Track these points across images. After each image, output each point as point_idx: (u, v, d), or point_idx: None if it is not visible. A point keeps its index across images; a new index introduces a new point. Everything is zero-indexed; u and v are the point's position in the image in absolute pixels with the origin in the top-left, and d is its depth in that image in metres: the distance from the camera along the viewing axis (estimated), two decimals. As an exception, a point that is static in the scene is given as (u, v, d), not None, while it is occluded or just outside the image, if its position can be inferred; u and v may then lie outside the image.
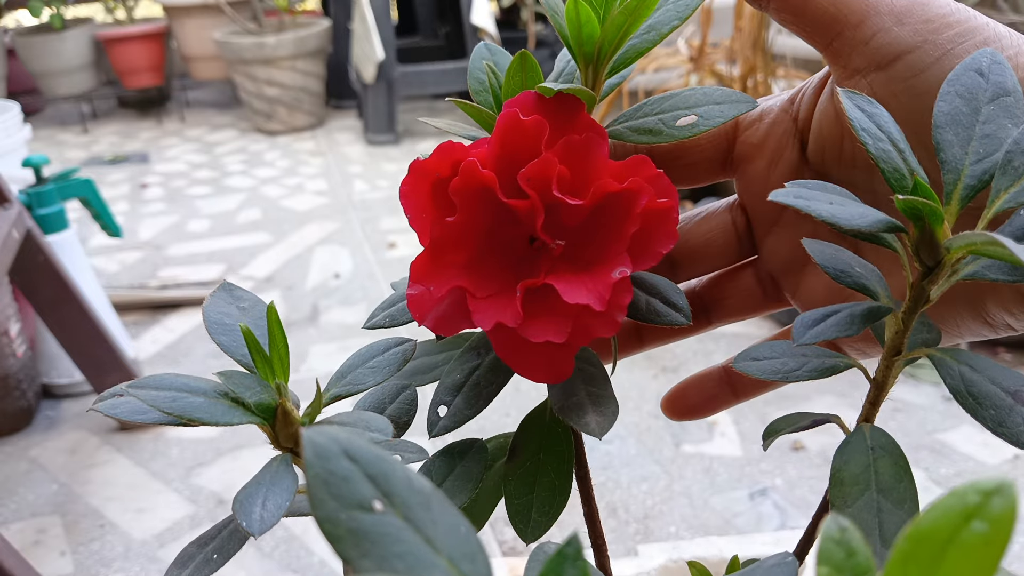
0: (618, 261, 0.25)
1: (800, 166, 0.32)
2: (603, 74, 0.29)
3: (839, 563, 0.13)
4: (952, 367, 0.23)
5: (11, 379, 1.38)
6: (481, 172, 0.25)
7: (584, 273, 0.26)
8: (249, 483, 0.25)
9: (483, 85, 0.31)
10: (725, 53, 1.86)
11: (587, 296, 0.24)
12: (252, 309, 0.30)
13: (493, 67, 0.30)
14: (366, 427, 0.27)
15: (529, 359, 0.27)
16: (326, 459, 0.14)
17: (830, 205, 0.21)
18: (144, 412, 0.27)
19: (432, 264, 0.26)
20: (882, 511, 0.23)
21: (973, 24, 0.26)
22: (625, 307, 0.25)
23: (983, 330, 0.29)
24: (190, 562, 0.27)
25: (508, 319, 0.25)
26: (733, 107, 0.28)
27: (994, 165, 0.23)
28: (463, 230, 0.26)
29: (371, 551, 0.14)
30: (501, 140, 0.26)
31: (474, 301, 0.26)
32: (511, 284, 0.26)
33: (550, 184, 0.25)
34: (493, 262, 0.27)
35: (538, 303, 0.25)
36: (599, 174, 0.26)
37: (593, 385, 0.28)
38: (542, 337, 0.25)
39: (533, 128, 0.26)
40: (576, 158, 0.26)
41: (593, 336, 0.26)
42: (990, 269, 0.23)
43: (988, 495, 0.12)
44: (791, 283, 0.33)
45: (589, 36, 0.27)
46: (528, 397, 1.39)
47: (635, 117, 0.29)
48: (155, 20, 3.62)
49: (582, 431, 0.27)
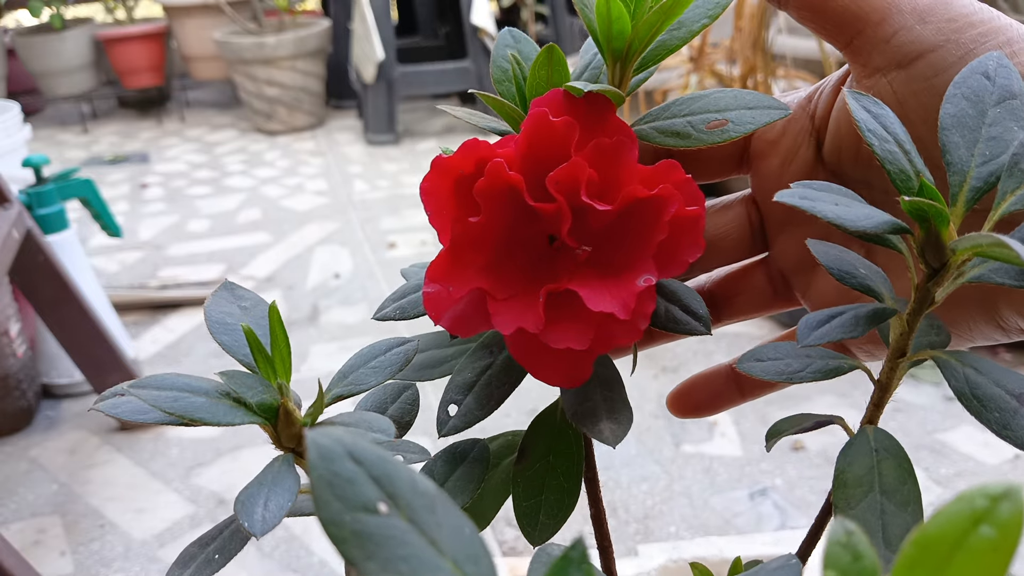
0: (644, 268, 0.25)
1: (815, 165, 0.31)
2: (630, 71, 0.28)
3: (845, 567, 0.13)
4: (956, 369, 0.23)
5: (11, 379, 1.38)
6: (508, 174, 0.24)
7: (609, 279, 0.25)
8: (251, 483, 0.25)
9: (506, 75, 0.30)
10: (725, 53, 1.86)
11: (612, 304, 0.24)
12: (254, 309, 0.30)
13: (518, 56, 0.29)
14: (368, 428, 0.26)
15: (546, 363, 0.26)
16: (330, 461, 0.14)
17: (835, 206, 0.21)
18: (145, 412, 0.27)
19: (452, 264, 0.25)
20: (886, 513, 0.22)
21: (996, 24, 0.26)
22: (648, 315, 0.25)
23: (996, 334, 0.28)
24: (191, 562, 0.27)
25: (530, 324, 0.24)
26: (765, 113, 0.27)
27: (1000, 167, 0.23)
28: (485, 231, 0.25)
29: (376, 553, 0.14)
30: (529, 141, 0.25)
31: (494, 303, 0.25)
32: (531, 286, 0.25)
33: (579, 189, 0.25)
34: (513, 262, 0.26)
35: (560, 308, 0.25)
36: (628, 179, 0.25)
37: (608, 389, 0.28)
38: (564, 344, 0.24)
39: (563, 130, 0.25)
40: (606, 162, 0.25)
41: (615, 344, 0.25)
42: (997, 272, 0.23)
43: (996, 500, 0.12)
44: (802, 283, 0.33)
45: (620, 32, 0.26)
46: (529, 397, 1.38)
47: (662, 117, 0.28)
48: (155, 20, 3.62)
49: (596, 439, 0.27)
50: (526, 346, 0.26)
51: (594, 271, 0.26)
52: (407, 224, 2.23)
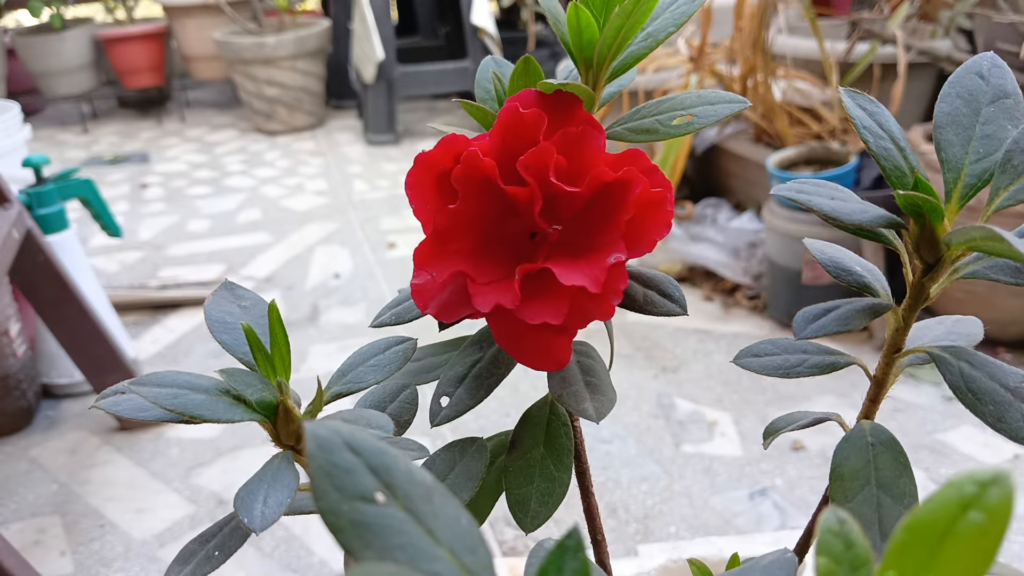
0: (613, 247, 0.26)
1: None
2: (603, 79, 0.30)
3: (838, 554, 0.13)
4: (952, 364, 0.23)
5: (11, 379, 1.38)
6: (482, 160, 0.26)
7: (581, 259, 0.26)
8: (251, 480, 0.26)
9: (489, 94, 0.32)
10: (725, 53, 1.86)
11: (583, 278, 0.25)
12: (253, 308, 0.31)
13: (499, 76, 0.31)
14: (367, 424, 0.27)
15: (529, 346, 0.27)
16: (329, 451, 0.15)
17: (831, 200, 0.21)
18: (146, 409, 0.27)
19: (435, 250, 0.27)
20: (882, 506, 0.23)
21: None
22: (621, 292, 0.26)
23: None
24: (192, 559, 0.27)
25: (507, 301, 0.25)
26: (726, 107, 0.29)
27: (994, 164, 0.23)
28: (465, 218, 0.27)
29: (373, 542, 0.14)
30: (502, 132, 0.27)
31: (475, 286, 0.26)
32: (511, 273, 0.26)
33: (548, 171, 0.26)
34: (494, 253, 0.27)
35: (536, 287, 0.26)
36: (595, 164, 0.26)
37: (591, 375, 0.29)
38: (540, 318, 0.25)
39: (532, 120, 0.26)
40: (573, 149, 0.27)
41: (589, 319, 0.26)
42: (992, 269, 0.23)
43: (985, 486, 0.12)
44: None
45: (589, 41, 0.28)
46: (526, 397, 1.39)
47: (633, 119, 0.30)
48: (155, 20, 3.62)
49: (581, 416, 0.28)
50: (509, 330, 0.27)
51: (567, 251, 0.27)
52: (407, 224, 2.23)
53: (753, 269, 1.70)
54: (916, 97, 1.84)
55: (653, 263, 1.80)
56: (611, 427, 1.33)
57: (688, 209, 1.88)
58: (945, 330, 0.27)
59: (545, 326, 0.26)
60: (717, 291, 1.73)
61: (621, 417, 1.35)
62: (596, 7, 0.28)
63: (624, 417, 1.35)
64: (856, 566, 0.13)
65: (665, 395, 1.41)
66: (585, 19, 0.27)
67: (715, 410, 1.37)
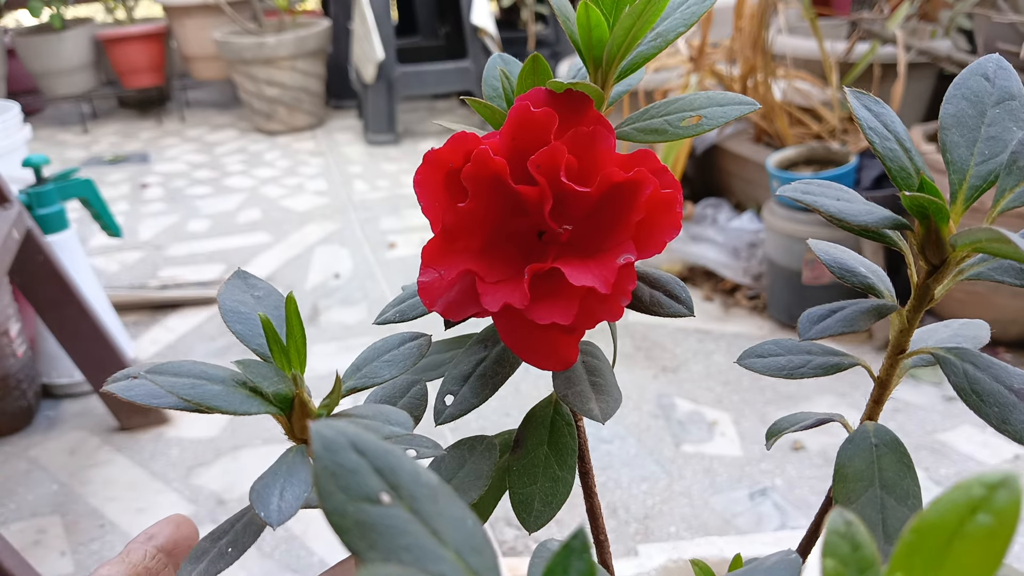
0: (623, 248, 0.26)
1: None
2: (612, 79, 0.30)
3: (844, 556, 0.13)
4: (956, 365, 0.23)
5: (11, 379, 1.38)
6: (493, 159, 0.26)
7: (590, 259, 0.26)
8: (265, 474, 0.25)
9: (497, 92, 0.32)
10: (725, 53, 1.86)
11: (592, 279, 0.25)
12: (267, 298, 0.30)
13: (507, 73, 0.31)
14: (386, 420, 0.27)
15: (535, 345, 0.27)
16: (334, 452, 0.15)
17: (837, 201, 0.21)
18: (159, 397, 0.26)
19: (443, 248, 0.26)
20: (886, 507, 0.23)
21: None
22: (629, 292, 0.26)
23: None
24: (204, 557, 0.27)
25: (516, 300, 0.25)
26: (735, 108, 0.29)
27: (999, 166, 0.23)
28: (475, 217, 0.26)
29: (378, 543, 0.14)
30: (512, 131, 0.26)
31: (483, 285, 0.26)
32: (520, 272, 0.26)
33: (558, 171, 0.26)
34: (503, 252, 0.27)
35: (545, 287, 0.26)
36: (605, 164, 0.26)
37: (596, 375, 0.29)
38: (548, 319, 0.25)
39: (543, 119, 0.26)
40: (584, 148, 0.27)
41: (598, 320, 0.26)
42: (997, 271, 0.23)
43: (993, 488, 0.12)
44: None
45: (599, 40, 0.28)
46: (528, 397, 1.39)
47: (642, 119, 0.30)
48: (155, 20, 3.62)
49: (586, 416, 0.28)
50: (515, 329, 0.27)
51: (577, 252, 0.27)
52: (407, 224, 2.23)
53: (753, 269, 1.70)
54: (916, 97, 1.84)
55: (654, 263, 1.80)
56: (611, 427, 1.33)
57: (688, 209, 1.88)
58: (951, 333, 0.27)
59: (553, 326, 0.25)
60: (717, 291, 1.73)
61: (621, 417, 1.35)
62: (606, 6, 0.28)
63: (624, 417, 1.35)
64: (863, 568, 0.13)
65: (665, 395, 1.41)
66: (595, 18, 0.27)
67: (715, 410, 1.37)
